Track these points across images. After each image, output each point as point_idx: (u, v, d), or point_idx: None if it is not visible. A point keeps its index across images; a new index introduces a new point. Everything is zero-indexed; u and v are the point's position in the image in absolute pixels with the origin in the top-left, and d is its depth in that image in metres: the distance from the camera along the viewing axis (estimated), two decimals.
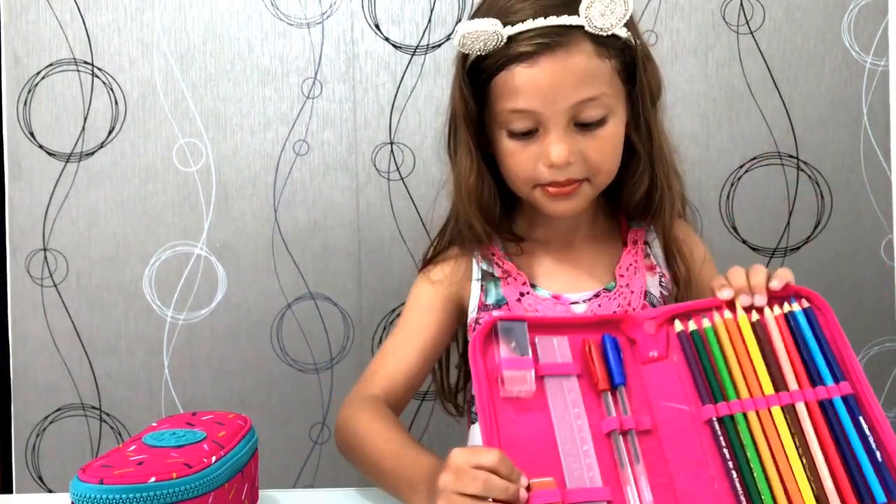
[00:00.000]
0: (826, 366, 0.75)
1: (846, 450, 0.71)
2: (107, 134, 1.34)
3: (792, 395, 0.74)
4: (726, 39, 1.32)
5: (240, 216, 1.34)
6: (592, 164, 0.89)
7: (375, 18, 1.33)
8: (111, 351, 1.35)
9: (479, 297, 0.97)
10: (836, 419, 0.73)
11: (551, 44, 0.84)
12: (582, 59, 0.85)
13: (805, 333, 0.77)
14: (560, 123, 0.86)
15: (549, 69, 0.84)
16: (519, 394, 0.74)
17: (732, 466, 0.72)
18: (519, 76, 0.86)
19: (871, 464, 0.70)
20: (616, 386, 0.76)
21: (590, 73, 0.86)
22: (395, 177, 1.34)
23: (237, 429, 0.81)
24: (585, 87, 0.85)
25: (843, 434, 0.72)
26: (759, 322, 0.79)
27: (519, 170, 0.90)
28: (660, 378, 0.77)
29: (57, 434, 1.36)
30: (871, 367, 1.34)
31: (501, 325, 0.76)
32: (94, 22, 1.33)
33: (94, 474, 0.69)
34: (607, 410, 0.75)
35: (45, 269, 1.35)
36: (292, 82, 1.34)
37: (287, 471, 1.36)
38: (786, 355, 0.77)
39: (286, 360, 1.36)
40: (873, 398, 0.73)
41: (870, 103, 1.32)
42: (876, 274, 1.33)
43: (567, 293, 0.95)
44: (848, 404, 0.73)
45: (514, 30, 0.85)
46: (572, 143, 0.87)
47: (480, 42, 0.86)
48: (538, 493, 0.68)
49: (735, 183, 1.33)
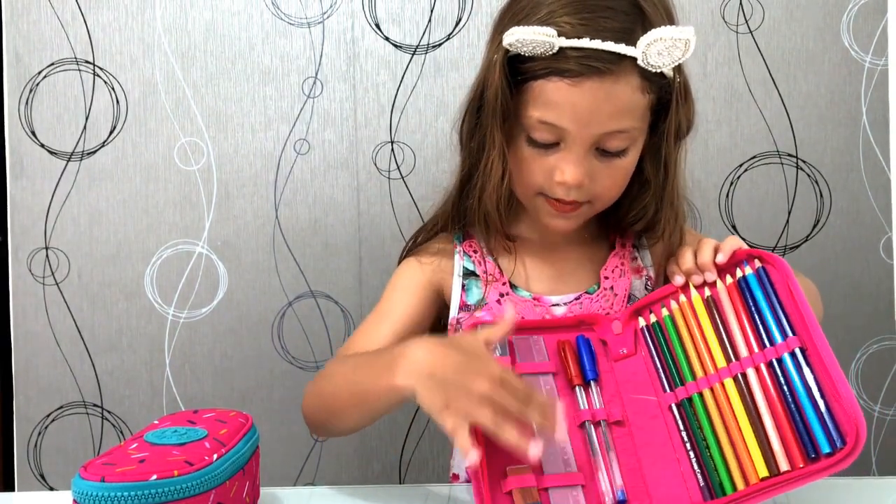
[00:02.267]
0: (776, 324, 0.77)
1: (794, 407, 0.73)
2: (108, 133, 1.35)
3: (742, 363, 0.77)
4: (725, 39, 1.32)
5: (241, 215, 1.35)
6: (599, 190, 0.88)
7: (376, 18, 1.33)
8: (113, 349, 1.36)
9: (461, 295, 0.96)
10: (786, 377, 0.74)
11: (601, 69, 0.81)
12: (626, 92, 0.82)
13: (756, 295, 0.79)
14: (583, 146, 0.85)
15: (591, 93, 0.82)
16: None
17: (690, 447, 0.76)
18: (559, 91, 0.82)
19: (816, 416, 0.71)
20: (588, 381, 0.80)
21: (629, 106, 0.84)
22: (395, 176, 1.34)
23: (238, 426, 0.81)
24: (619, 119, 0.84)
25: (792, 391, 0.73)
26: (711, 297, 0.81)
27: (529, 177, 0.89)
28: (630, 373, 0.81)
29: (59, 432, 1.36)
30: (870, 365, 1.34)
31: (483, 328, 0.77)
32: (96, 21, 1.33)
33: (96, 472, 0.70)
34: (580, 404, 0.79)
35: (47, 267, 1.35)
36: (293, 81, 1.34)
37: (288, 468, 1.36)
38: (737, 324, 0.79)
39: (287, 357, 1.36)
40: (825, 347, 0.73)
41: (869, 102, 1.32)
42: (875, 272, 1.33)
43: (548, 295, 0.95)
44: (795, 358, 0.75)
45: (568, 43, 0.81)
46: (588, 167, 0.86)
47: (530, 46, 0.83)
48: (515, 478, 0.71)
49: (734, 182, 1.34)
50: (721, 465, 0.74)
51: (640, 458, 0.76)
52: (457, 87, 1.33)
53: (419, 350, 0.75)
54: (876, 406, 1.35)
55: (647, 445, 0.77)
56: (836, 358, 0.72)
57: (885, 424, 1.36)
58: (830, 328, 1.35)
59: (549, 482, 0.73)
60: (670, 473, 0.75)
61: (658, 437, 0.77)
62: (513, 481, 0.71)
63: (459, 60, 1.33)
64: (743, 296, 0.80)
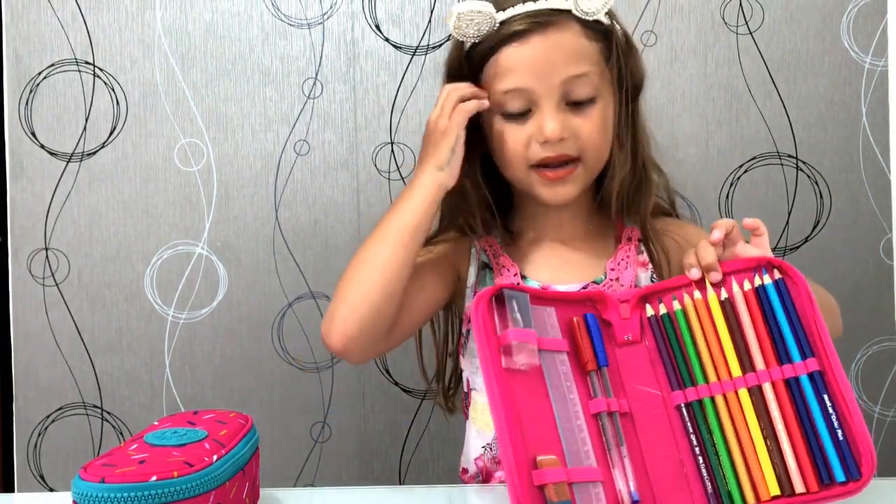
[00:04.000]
0: (794, 341, 0.75)
1: (809, 429, 0.72)
2: (108, 134, 1.35)
3: (759, 376, 0.75)
4: (725, 40, 1.32)
5: (241, 216, 1.35)
6: (584, 141, 0.92)
7: (376, 19, 1.33)
8: (113, 350, 1.36)
9: (474, 286, 1.00)
10: (802, 398, 0.73)
11: (542, 22, 0.89)
12: (571, 37, 0.90)
13: (775, 307, 0.77)
14: (552, 100, 0.90)
15: (540, 45, 0.89)
16: (522, 366, 0.74)
17: (699, 451, 0.74)
18: (512, 55, 0.90)
19: (833, 443, 0.71)
20: (600, 367, 0.77)
21: (578, 50, 0.90)
22: (395, 177, 1.34)
23: (238, 427, 0.81)
24: (575, 63, 0.90)
25: (808, 412, 0.72)
26: (728, 300, 0.79)
27: (514, 151, 0.93)
28: (633, 361, 0.78)
29: (58, 433, 1.36)
30: (870, 367, 1.34)
31: (507, 293, 0.76)
32: (96, 22, 1.34)
33: (96, 473, 0.70)
34: (593, 391, 0.76)
35: (47, 268, 1.35)
36: (293, 82, 1.34)
37: (288, 469, 1.36)
38: (753, 333, 0.77)
39: (287, 358, 1.36)
40: (841, 373, 0.73)
41: (869, 103, 1.32)
42: (875, 273, 1.33)
43: (555, 284, 0.97)
44: (814, 381, 0.73)
45: (507, 14, 0.90)
46: (565, 121, 0.91)
47: (474, 26, 0.91)
48: (547, 472, 0.68)
49: (734, 183, 1.34)
50: (731, 476, 0.72)
51: (643, 453, 0.74)
52: None
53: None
54: (876, 407, 1.35)
55: (650, 442, 0.75)
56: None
57: (885, 426, 1.36)
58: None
59: (574, 476, 0.70)
60: (673, 474, 0.74)
61: (662, 435, 0.75)
62: (545, 475, 0.68)
63: None
64: (761, 305, 0.78)
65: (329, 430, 1.36)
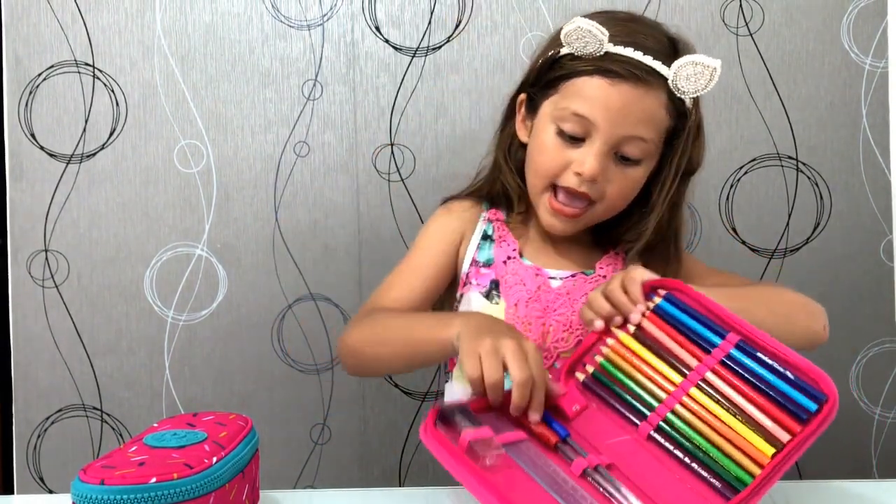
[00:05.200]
0: (707, 330, 0.81)
1: (763, 386, 0.76)
2: (108, 135, 1.35)
3: (697, 371, 0.79)
4: (726, 41, 1.32)
5: (241, 217, 1.35)
6: (609, 192, 0.96)
7: (376, 20, 1.33)
8: (112, 351, 1.36)
9: (475, 252, 1.04)
10: (742, 366, 0.78)
11: (639, 76, 0.91)
12: (654, 102, 0.93)
13: (676, 315, 0.82)
14: (606, 144, 0.93)
15: (626, 94, 0.92)
16: (492, 463, 0.76)
17: (690, 461, 0.76)
18: (599, 88, 0.92)
19: (787, 384, 0.75)
20: (564, 438, 0.80)
21: (654, 117, 0.93)
22: (395, 178, 1.34)
23: (238, 429, 0.81)
24: (643, 126, 0.93)
25: (754, 375, 0.77)
26: (637, 328, 0.84)
27: (548, 166, 0.96)
28: (592, 425, 0.82)
29: (58, 435, 1.36)
30: (871, 368, 1.34)
31: (445, 409, 0.78)
32: (95, 24, 1.34)
33: (96, 475, 0.70)
34: (569, 457, 0.78)
35: (47, 269, 1.35)
36: (293, 84, 1.34)
37: (288, 471, 1.36)
38: (673, 342, 0.82)
39: (287, 360, 1.36)
40: (761, 334, 0.78)
41: (869, 105, 1.32)
42: (875, 275, 1.33)
43: (548, 268, 1.02)
44: (742, 348, 0.78)
45: (615, 49, 0.92)
46: (605, 166, 0.93)
47: (582, 42, 0.93)
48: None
49: (735, 184, 1.34)
50: (728, 463, 0.75)
51: (644, 492, 0.76)
52: (456, 89, 1.33)
53: (476, 315, 0.91)
54: (876, 409, 1.35)
55: (644, 479, 0.77)
56: (836, 360, 0.73)
57: (886, 427, 1.36)
58: (831, 330, 1.35)
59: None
60: (681, 494, 0.75)
61: (651, 469, 0.77)
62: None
63: (459, 63, 1.33)
64: (665, 320, 0.83)
65: (329, 432, 1.36)
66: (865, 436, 1.36)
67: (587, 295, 0.91)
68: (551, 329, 0.99)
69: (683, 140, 0.96)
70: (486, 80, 1.33)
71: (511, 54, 1.32)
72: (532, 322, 0.99)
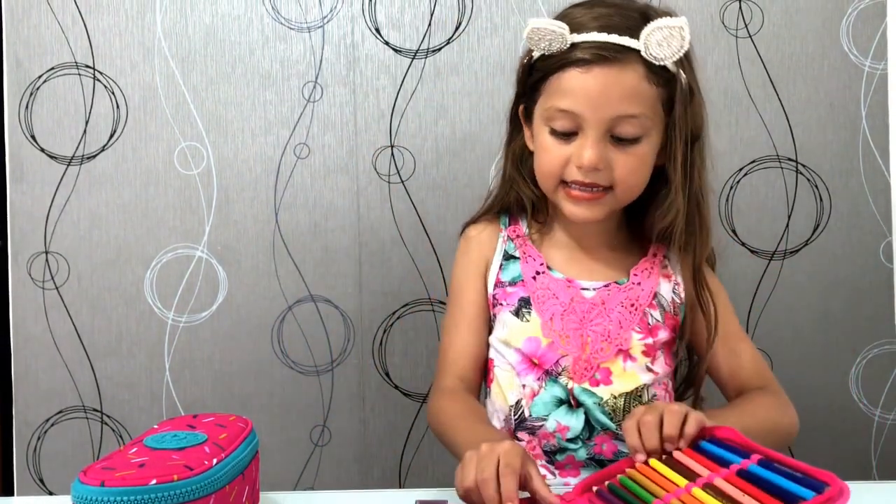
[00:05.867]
0: (730, 453, 0.78)
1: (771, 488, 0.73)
2: (108, 137, 1.35)
3: (709, 478, 0.77)
4: (725, 43, 1.32)
5: (241, 219, 1.35)
6: (617, 176, 0.95)
7: (376, 22, 1.33)
8: (112, 353, 1.36)
9: (498, 273, 1.03)
10: (756, 476, 0.75)
11: (608, 57, 0.91)
12: (632, 78, 0.91)
13: (713, 451, 0.80)
14: (598, 130, 0.92)
15: (601, 78, 0.91)
16: None
17: None
18: (572, 79, 0.92)
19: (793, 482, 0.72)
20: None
21: (636, 92, 0.92)
22: (395, 180, 1.34)
23: (238, 431, 0.81)
24: (629, 103, 0.92)
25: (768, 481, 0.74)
26: (668, 458, 0.81)
27: (550, 166, 0.96)
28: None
29: (58, 436, 1.36)
30: (871, 370, 1.34)
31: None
32: (96, 26, 1.34)
33: (96, 476, 0.70)
34: None
35: (47, 271, 1.35)
36: (293, 86, 1.34)
37: (288, 473, 1.36)
38: (694, 462, 0.80)
39: (287, 362, 1.36)
40: (784, 458, 0.76)
41: (868, 106, 1.32)
42: (875, 276, 1.33)
43: (579, 279, 1.01)
44: (762, 465, 0.76)
45: (579, 38, 0.92)
46: (604, 152, 0.93)
47: (546, 41, 0.93)
48: None
49: (734, 186, 1.34)
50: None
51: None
52: (456, 91, 1.33)
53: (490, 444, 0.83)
54: (876, 410, 1.35)
55: None
56: (836, 361, 0.71)
57: (886, 429, 1.36)
58: (831, 332, 1.36)
59: None
60: None
61: None
62: None
63: (459, 65, 1.33)
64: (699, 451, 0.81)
65: (329, 434, 1.36)
66: (865, 437, 1.36)
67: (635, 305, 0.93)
68: (590, 340, 0.98)
69: (678, 105, 0.94)
70: (485, 82, 1.33)
71: (511, 56, 1.32)
72: (570, 334, 0.98)
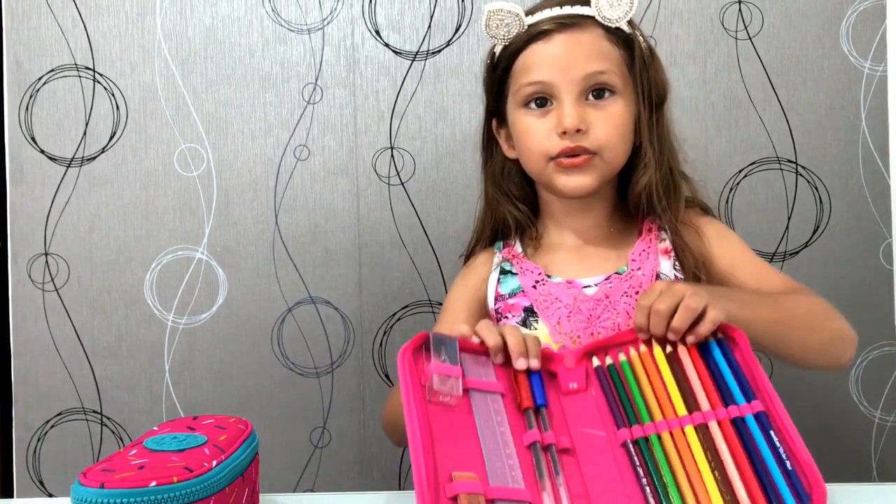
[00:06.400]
0: (738, 387, 0.77)
1: (757, 461, 0.72)
2: (108, 139, 1.35)
3: (704, 415, 0.76)
4: (725, 45, 1.32)
5: (241, 221, 1.35)
6: (600, 135, 0.96)
7: (376, 24, 1.33)
8: (112, 355, 1.36)
9: (496, 288, 1.04)
10: (749, 435, 0.74)
11: (566, 23, 0.96)
12: (593, 38, 0.96)
13: (718, 360, 0.79)
14: (572, 93, 0.95)
15: (563, 43, 0.96)
16: (445, 399, 0.75)
17: (646, 483, 0.73)
18: (537, 52, 0.96)
19: (781, 472, 0.71)
20: (538, 406, 0.78)
21: (600, 50, 0.96)
22: (395, 182, 1.34)
23: (238, 433, 0.81)
24: (596, 60, 0.95)
25: (755, 447, 0.73)
26: (672, 353, 0.81)
27: (534, 144, 0.98)
28: (579, 408, 0.80)
29: (58, 438, 1.36)
30: (871, 371, 1.34)
31: (433, 337, 0.78)
32: (96, 28, 1.34)
33: (95, 478, 0.70)
34: (529, 426, 0.76)
35: (47, 273, 1.35)
36: (293, 88, 1.34)
37: (288, 475, 1.36)
38: (698, 380, 0.79)
39: (287, 364, 1.36)
40: (785, 414, 0.74)
41: (868, 108, 1.32)
42: (875, 278, 1.33)
43: (579, 278, 1.01)
44: (759, 420, 0.75)
45: (535, 18, 0.97)
46: (583, 114, 0.95)
47: (504, 27, 0.97)
48: (460, 484, 0.68)
49: (734, 188, 1.34)
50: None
51: (587, 488, 0.74)
52: (456, 93, 1.33)
53: None
54: (876, 412, 1.35)
55: (595, 477, 0.74)
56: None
57: (886, 430, 1.36)
58: None
59: (495, 494, 0.70)
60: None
61: (607, 471, 0.75)
62: (459, 486, 0.68)
63: (459, 66, 1.33)
64: (704, 357, 0.80)
65: (329, 436, 1.36)
66: (865, 439, 1.36)
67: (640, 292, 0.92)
68: (600, 337, 0.97)
69: (637, 63, 0.98)
70: None
71: None
72: (580, 335, 0.97)
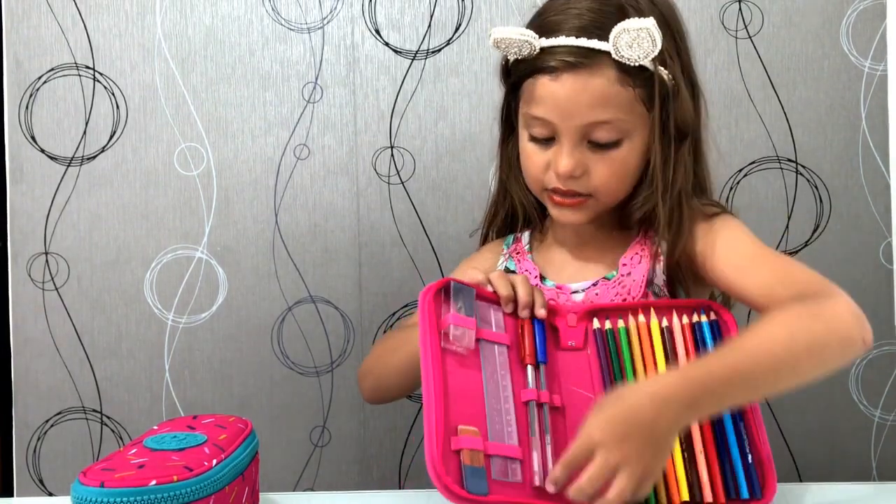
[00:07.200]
0: None
1: (723, 447, 0.79)
2: (108, 138, 1.35)
3: None
4: (725, 44, 1.32)
5: (241, 220, 1.35)
6: (597, 182, 0.93)
7: (376, 23, 1.33)
8: (112, 354, 1.36)
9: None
10: (720, 421, 0.80)
11: (576, 63, 0.89)
12: (602, 83, 0.89)
13: (707, 342, 0.85)
14: (572, 138, 0.91)
15: (569, 86, 0.89)
16: (458, 349, 0.80)
17: None
18: (542, 86, 0.91)
19: (742, 464, 0.78)
20: (539, 363, 0.83)
21: (607, 97, 0.90)
22: (395, 181, 1.34)
23: (238, 432, 0.81)
24: (600, 109, 0.90)
25: (724, 434, 0.79)
26: (668, 328, 0.86)
27: (532, 171, 0.96)
28: (573, 365, 0.85)
29: (58, 437, 1.36)
30: (870, 371, 1.34)
31: (454, 286, 0.83)
32: (96, 27, 1.34)
33: (95, 477, 0.70)
34: (528, 382, 0.82)
35: (47, 272, 1.35)
36: (293, 87, 1.34)
37: (287, 474, 1.36)
38: (685, 357, 0.84)
39: (287, 363, 1.36)
40: (757, 410, 0.81)
41: (868, 107, 1.32)
42: (874, 278, 1.33)
43: (570, 283, 1.00)
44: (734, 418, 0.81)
45: (548, 43, 0.90)
46: (581, 159, 0.92)
47: (515, 49, 0.92)
48: (465, 439, 0.73)
49: (734, 187, 1.34)
50: None
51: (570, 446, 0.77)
52: (456, 92, 1.33)
53: None
54: (876, 412, 1.35)
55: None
56: None
57: (885, 430, 1.36)
58: None
59: (493, 449, 0.75)
60: None
61: None
62: (464, 441, 0.73)
63: (459, 66, 1.33)
64: (695, 337, 0.86)
65: (329, 435, 1.36)
66: (865, 438, 1.36)
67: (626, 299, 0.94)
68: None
69: (657, 103, 0.91)
70: (485, 83, 1.33)
71: None
72: None
